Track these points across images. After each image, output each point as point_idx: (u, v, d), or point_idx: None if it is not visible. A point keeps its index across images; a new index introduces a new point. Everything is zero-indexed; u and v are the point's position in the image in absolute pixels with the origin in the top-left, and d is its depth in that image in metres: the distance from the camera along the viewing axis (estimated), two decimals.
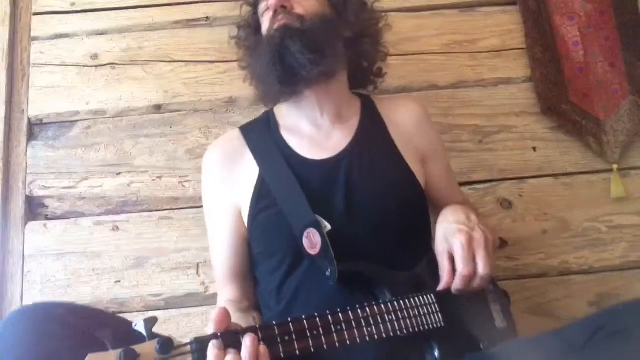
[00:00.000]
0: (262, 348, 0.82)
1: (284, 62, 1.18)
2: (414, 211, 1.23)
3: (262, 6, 1.30)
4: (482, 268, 1.00)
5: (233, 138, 1.34)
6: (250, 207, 1.22)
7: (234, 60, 1.67)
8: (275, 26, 1.21)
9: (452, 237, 1.04)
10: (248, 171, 1.25)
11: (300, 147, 1.25)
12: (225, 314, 0.83)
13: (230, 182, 1.28)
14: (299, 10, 1.22)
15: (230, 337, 0.81)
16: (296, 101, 1.28)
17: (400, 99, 1.44)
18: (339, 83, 1.30)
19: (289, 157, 1.23)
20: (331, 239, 1.06)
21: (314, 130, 1.28)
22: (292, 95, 1.27)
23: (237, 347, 0.81)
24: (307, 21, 1.21)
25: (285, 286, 1.15)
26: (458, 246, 1.01)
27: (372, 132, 1.28)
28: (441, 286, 1.03)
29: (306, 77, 1.19)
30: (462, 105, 1.68)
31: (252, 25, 1.39)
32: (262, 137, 1.30)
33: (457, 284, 1.01)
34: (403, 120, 1.32)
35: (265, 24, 1.27)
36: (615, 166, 1.62)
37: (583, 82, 1.66)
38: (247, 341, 0.81)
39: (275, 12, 1.23)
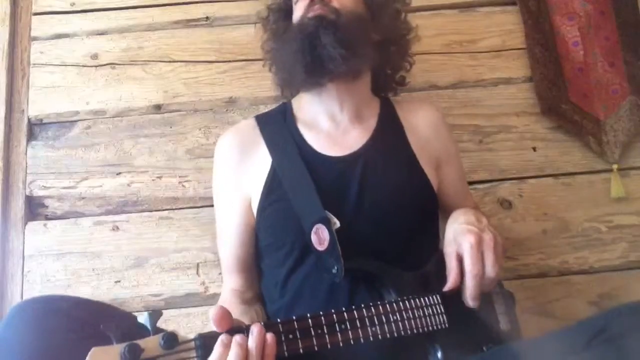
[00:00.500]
0: (270, 336, 0.82)
1: (314, 51, 1.17)
2: (425, 214, 1.22)
3: None
4: (489, 270, 1.00)
5: (248, 127, 1.33)
6: (261, 199, 1.21)
7: (234, 60, 1.68)
8: (310, 14, 1.20)
9: (461, 237, 1.03)
10: (261, 162, 1.24)
11: (316, 141, 1.24)
12: (225, 312, 0.83)
13: (242, 171, 1.27)
14: (335, 3, 1.21)
15: (235, 333, 0.81)
16: (317, 93, 1.28)
17: (419, 103, 1.43)
18: (362, 83, 1.30)
19: (304, 151, 1.22)
20: (339, 236, 1.06)
21: (331, 126, 1.27)
22: (314, 87, 1.26)
23: None
24: (342, 16, 1.20)
25: (290, 280, 1.15)
26: (467, 247, 1.01)
27: (389, 134, 1.28)
28: (447, 287, 1.03)
29: (333, 70, 1.18)
30: (462, 105, 1.68)
31: (283, 9, 1.37)
32: (278, 128, 1.29)
33: (467, 284, 1.00)
34: (420, 124, 1.32)
35: (298, 12, 1.26)
36: (615, 166, 1.62)
37: (583, 82, 1.66)
38: (254, 330, 0.82)
39: (312, 1, 1.22)
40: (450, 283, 1.02)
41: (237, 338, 0.80)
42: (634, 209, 1.61)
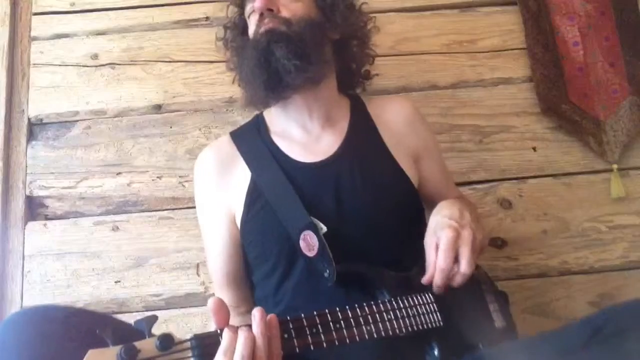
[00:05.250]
0: (272, 317, 0.84)
1: (269, 67, 1.17)
2: (408, 211, 1.22)
3: (248, 8, 1.28)
4: (463, 266, 0.99)
5: (223, 144, 1.33)
6: (243, 212, 1.21)
7: None
8: (262, 30, 1.19)
9: (440, 230, 1.03)
10: (240, 176, 1.25)
11: (291, 150, 1.24)
12: (221, 303, 0.84)
13: (222, 187, 1.27)
14: (285, 13, 1.20)
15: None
16: (284, 106, 1.27)
17: (390, 98, 1.43)
18: (327, 86, 1.29)
19: (280, 160, 1.22)
20: (326, 241, 1.06)
21: (304, 135, 1.27)
22: (278, 100, 1.25)
23: None
24: (293, 25, 1.19)
25: (282, 289, 1.15)
26: (443, 240, 1.01)
27: (362, 134, 1.28)
28: (425, 278, 1.03)
29: (291, 83, 1.17)
30: (462, 105, 1.68)
31: (238, 26, 1.37)
32: (253, 141, 1.29)
33: (436, 277, 1.00)
34: (393, 119, 1.32)
35: (251, 27, 1.26)
36: (615, 166, 1.62)
37: (583, 82, 1.66)
38: (256, 315, 0.83)
39: (262, 16, 1.21)
40: (428, 275, 1.03)
41: (243, 327, 0.81)
42: (634, 209, 1.61)
